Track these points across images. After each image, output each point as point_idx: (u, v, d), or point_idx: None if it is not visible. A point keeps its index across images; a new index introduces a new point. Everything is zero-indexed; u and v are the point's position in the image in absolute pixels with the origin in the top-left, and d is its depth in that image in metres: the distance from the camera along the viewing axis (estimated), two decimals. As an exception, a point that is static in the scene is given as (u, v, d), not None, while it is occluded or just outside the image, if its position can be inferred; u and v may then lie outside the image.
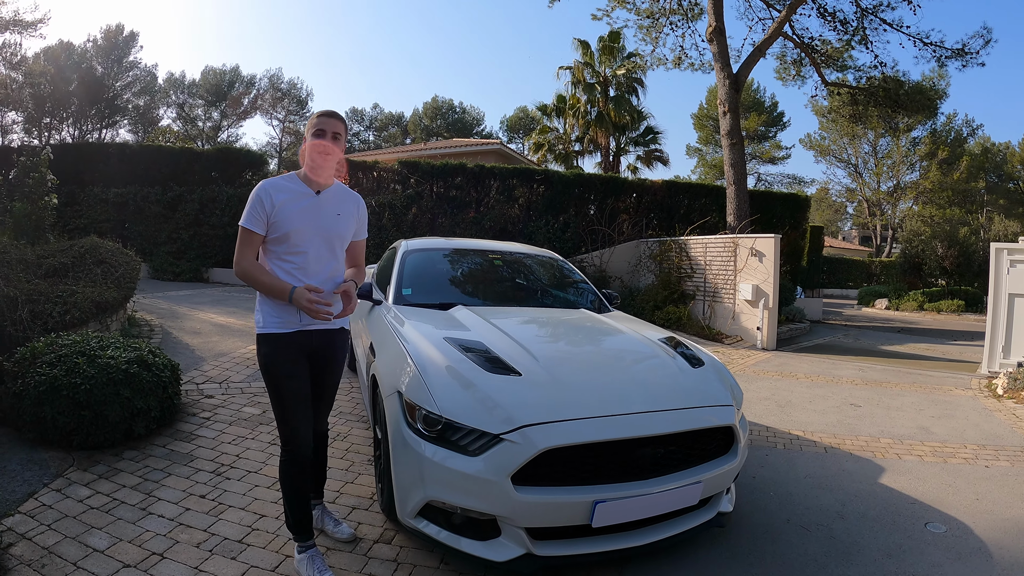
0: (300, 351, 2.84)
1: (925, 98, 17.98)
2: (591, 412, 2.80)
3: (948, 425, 5.94)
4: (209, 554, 2.98)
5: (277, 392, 2.80)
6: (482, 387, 2.86)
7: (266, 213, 2.75)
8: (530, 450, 2.59)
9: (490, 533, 2.70)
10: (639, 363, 3.51)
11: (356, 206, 3.06)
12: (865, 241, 54.18)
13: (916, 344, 12.51)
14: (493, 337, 3.44)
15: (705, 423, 3.03)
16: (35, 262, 6.59)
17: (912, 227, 26.16)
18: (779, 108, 49.07)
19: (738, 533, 3.43)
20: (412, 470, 2.79)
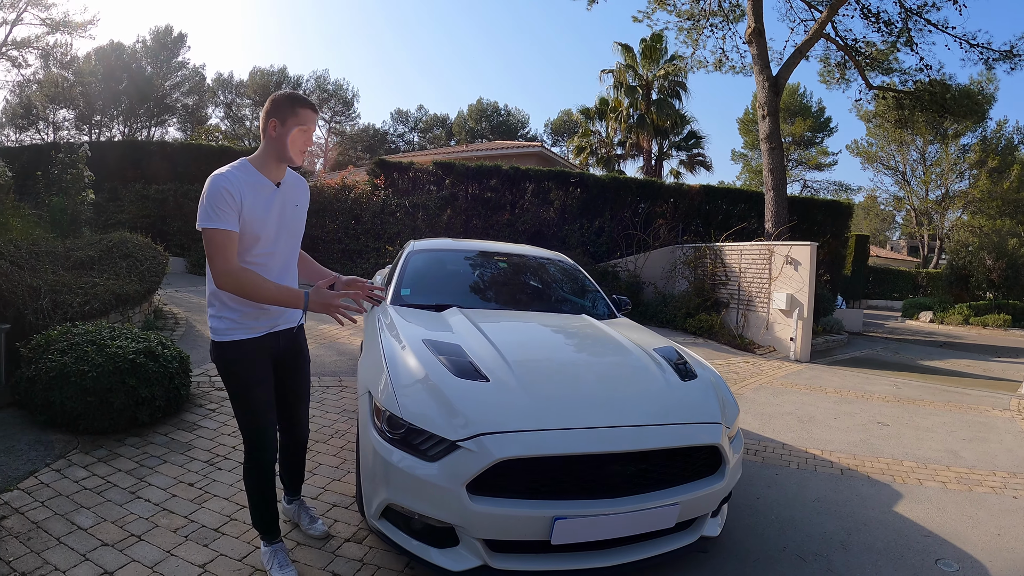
0: (268, 355, 2.74)
1: (973, 102, 17.28)
2: (556, 424, 2.67)
3: (979, 449, 5.61)
4: (184, 540, 3.04)
5: (246, 400, 2.66)
6: (446, 392, 2.76)
7: (236, 207, 2.47)
8: (485, 459, 2.48)
9: (448, 541, 2.61)
10: (622, 374, 3.35)
11: (306, 193, 2.88)
12: (914, 251, 52.52)
13: (957, 360, 12.00)
14: (473, 341, 3.34)
15: (685, 441, 2.85)
16: (64, 254, 6.73)
17: (959, 238, 25.25)
18: (826, 113, 47.85)
19: (724, 559, 3.21)
20: (376, 471, 2.73)
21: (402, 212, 14.37)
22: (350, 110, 59.16)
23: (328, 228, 14.72)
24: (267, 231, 2.60)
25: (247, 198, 2.51)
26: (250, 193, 2.53)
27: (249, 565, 2.86)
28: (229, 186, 2.46)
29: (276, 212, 2.64)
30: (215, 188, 2.45)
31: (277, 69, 55.29)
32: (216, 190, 2.44)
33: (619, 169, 27.09)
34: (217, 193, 2.44)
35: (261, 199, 2.57)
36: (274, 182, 2.64)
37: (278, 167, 2.65)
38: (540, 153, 22.58)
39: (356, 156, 58.52)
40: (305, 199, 2.85)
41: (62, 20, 33.83)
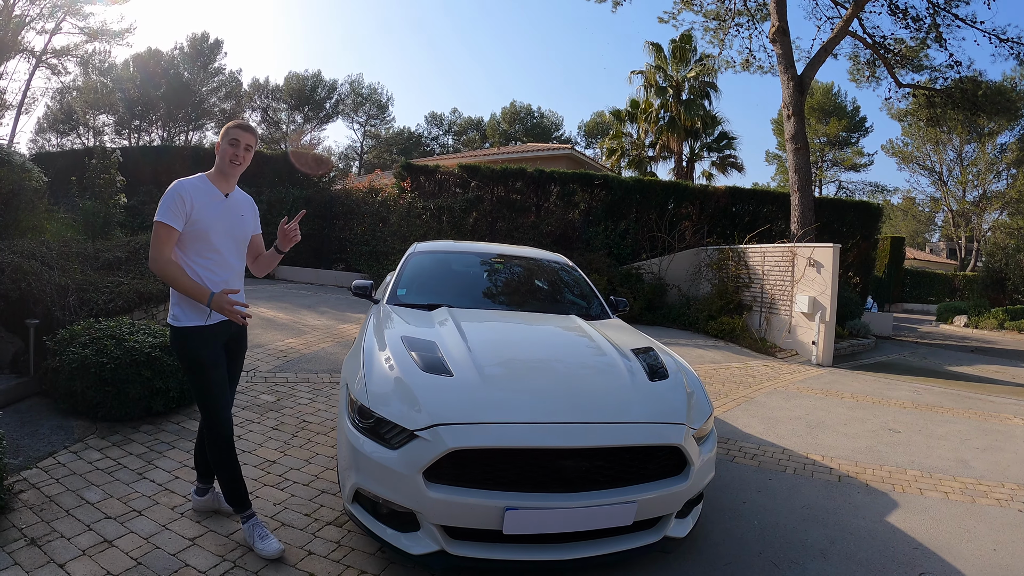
0: (220, 340, 3.05)
1: (1005, 99, 16.90)
2: (512, 418, 2.79)
3: (992, 459, 5.47)
4: (179, 516, 3.32)
5: (204, 382, 2.98)
6: (411, 385, 2.95)
7: (186, 211, 2.90)
8: (439, 448, 2.63)
9: (409, 526, 2.76)
10: (587, 373, 3.44)
11: (252, 209, 3.31)
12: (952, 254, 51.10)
13: (987, 365, 11.69)
14: (448, 338, 3.49)
15: (643, 440, 2.90)
16: (93, 255, 7.01)
17: (996, 239, 24.56)
18: (860, 113, 47.01)
19: (692, 561, 3.20)
20: (347, 457, 2.93)
21: (428, 214, 14.53)
22: (384, 113, 59.77)
23: (356, 230, 15.07)
24: (215, 233, 2.99)
25: (198, 203, 2.95)
26: (202, 199, 2.97)
27: (234, 541, 3.11)
28: (182, 191, 2.93)
29: (224, 218, 3.05)
30: (172, 191, 2.92)
31: (312, 73, 56.07)
32: (172, 192, 2.92)
33: (651, 171, 26.91)
34: (172, 195, 2.91)
35: (212, 206, 3.00)
36: (223, 194, 3.09)
37: (225, 180, 3.10)
38: (570, 155, 22.60)
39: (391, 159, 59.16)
40: (248, 211, 3.25)
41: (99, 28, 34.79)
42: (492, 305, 4.74)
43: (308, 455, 4.29)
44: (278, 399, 5.49)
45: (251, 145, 3.10)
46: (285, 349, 7.11)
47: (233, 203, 3.12)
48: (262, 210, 14.23)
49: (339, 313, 10.10)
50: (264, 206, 15.53)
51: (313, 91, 55.28)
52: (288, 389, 5.84)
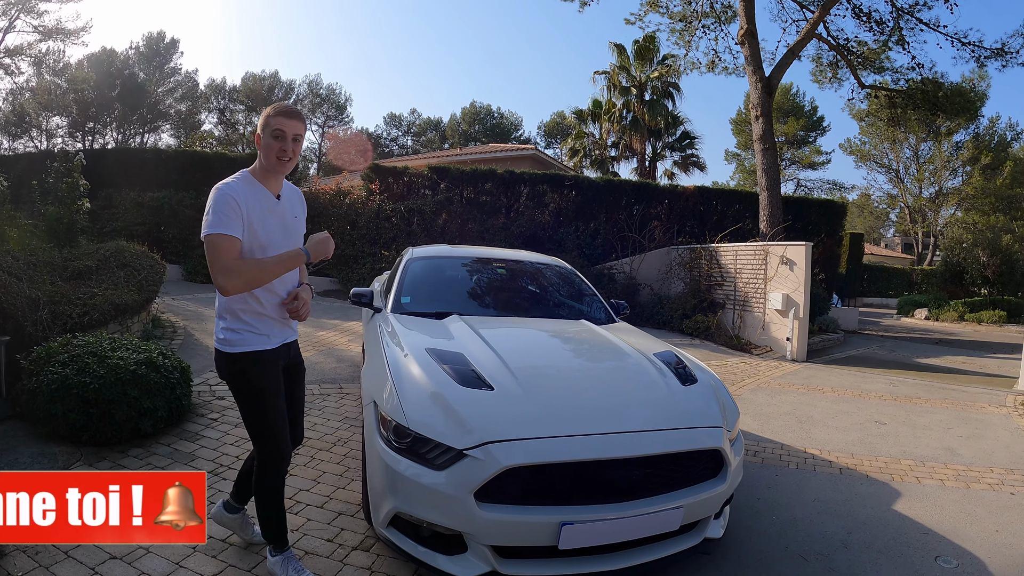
0: (280, 366, 2.76)
1: (965, 100, 17.44)
2: (561, 431, 2.71)
3: (976, 446, 5.66)
4: (192, 551, 3.03)
5: (262, 411, 2.67)
6: (452, 401, 2.80)
7: (242, 216, 2.50)
8: (493, 467, 2.52)
9: (456, 548, 2.64)
10: (624, 380, 3.40)
11: (303, 204, 2.93)
12: (908, 248, 52.67)
13: (953, 357, 12.06)
14: (475, 349, 3.36)
15: (687, 445, 2.91)
16: (61, 264, 6.74)
17: (953, 235, 25.41)
18: (819, 112, 48.03)
19: (727, 560, 3.25)
20: (382, 480, 2.76)
21: (397, 217, 14.38)
22: (343, 114, 59.14)
23: None
24: (273, 240, 2.62)
25: (252, 208, 2.54)
26: (254, 204, 2.57)
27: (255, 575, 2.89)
28: (233, 193, 2.50)
29: (280, 224, 2.67)
30: (221, 195, 2.48)
31: (269, 74, 55.22)
32: (222, 197, 2.48)
33: (613, 171, 27.17)
34: (223, 199, 2.48)
35: (265, 211, 2.61)
36: (275, 195, 2.69)
37: (275, 179, 2.69)
38: (534, 156, 22.63)
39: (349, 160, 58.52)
40: (300, 209, 2.87)
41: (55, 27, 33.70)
42: (501, 312, 4.62)
43: (315, 474, 4.08)
44: None
45: (299, 135, 2.62)
46: None
47: (286, 203, 2.74)
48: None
49: (315, 320, 9.84)
50: (230, 210, 15.27)
51: (271, 92, 54.38)
52: None
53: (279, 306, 2.70)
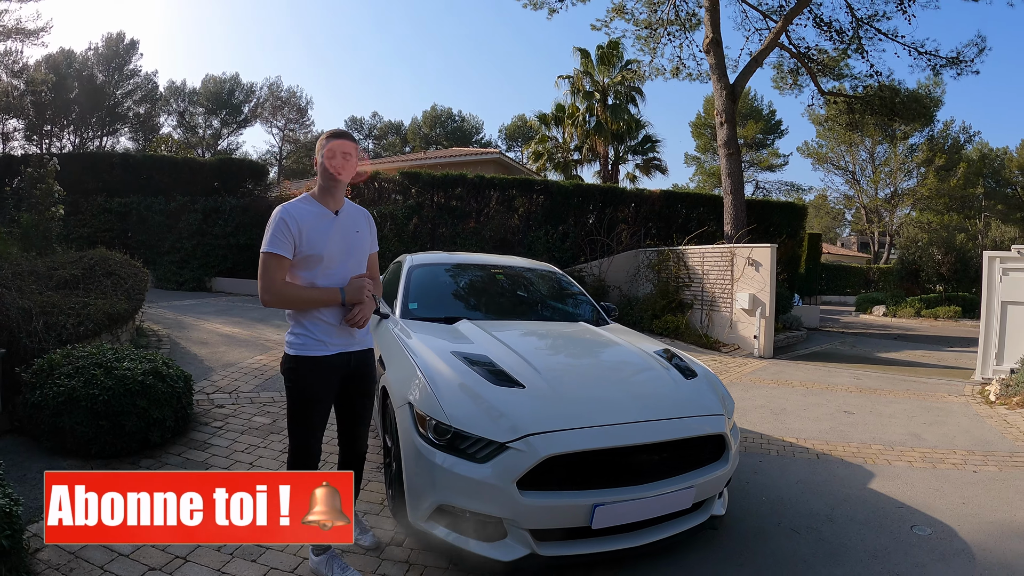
0: (336, 373, 2.92)
1: (921, 106, 18.20)
2: (591, 422, 2.99)
3: (939, 431, 6.10)
4: (231, 557, 3.11)
5: (304, 414, 2.87)
6: (488, 398, 3.05)
7: (293, 237, 2.75)
8: (534, 457, 2.78)
9: (496, 535, 2.87)
10: (635, 375, 3.71)
11: (368, 221, 3.13)
12: (864, 247, 54.33)
13: (912, 351, 12.68)
14: (497, 351, 3.62)
15: (697, 431, 3.23)
16: (46, 274, 6.66)
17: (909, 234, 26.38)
18: (776, 116, 49.49)
19: (730, 536, 3.61)
20: (423, 476, 2.96)
21: (371, 222, 14.43)
22: (304, 117, 58.75)
23: None
24: (329, 255, 2.85)
25: (306, 227, 2.79)
26: (312, 222, 2.82)
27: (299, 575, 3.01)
28: (287, 216, 2.77)
29: (337, 238, 2.89)
30: (276, 218, 2.77)
31: (230, 76, 54.68)
32: (277, 219, 2.77)
33: (576, 174, 27.51)
34: (278, 221, 2.76)
35: (321, 226, 2.85)
36: (332, 211, 2.92)
37: (332, 197, 2.92)
38: (499, 160, 22.91)
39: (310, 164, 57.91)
40: (363, 225, 3.07)
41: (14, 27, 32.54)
42: (505, 316, 4.84)
43: None
44: (274, 420, 5.29)
45: (350, 153, 2.85)
46: (259, 367, 6.97)
47: (346, 219, 2.95)
48: (196, 220, 13.82)
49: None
50: (200, 215, 15.14)
51: (231, 94, 53.85)
52: (279, 409, 5.61)
53: (339, 314, 2.88)
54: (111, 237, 14.56)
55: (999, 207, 45.17)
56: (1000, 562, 3.42)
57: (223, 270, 15.27)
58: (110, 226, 15.16)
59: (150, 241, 15.03)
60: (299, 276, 2.84)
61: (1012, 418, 6.61)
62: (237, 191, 15.93)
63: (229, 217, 15.15)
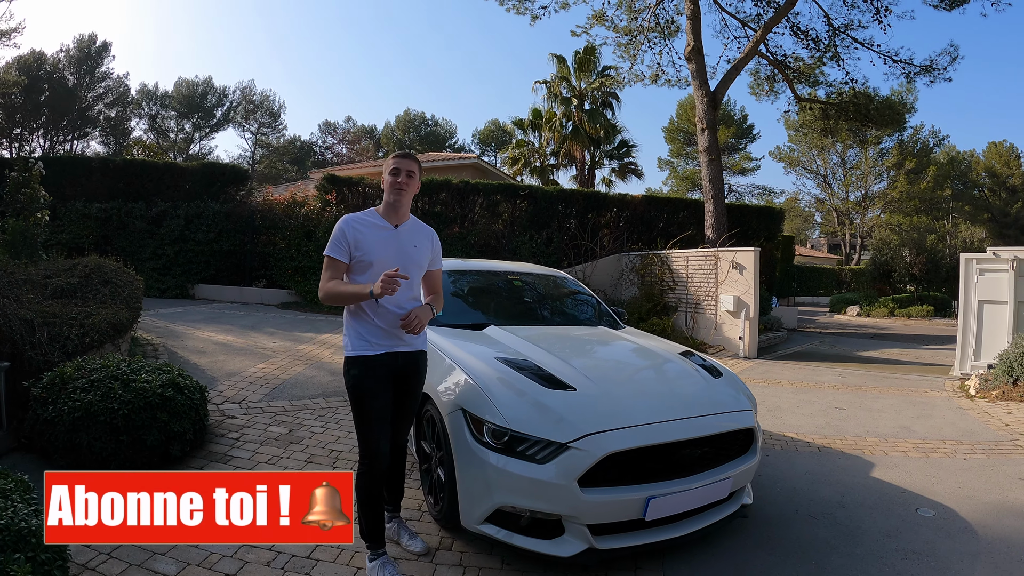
0: (387, 372, 3.10)
1: (894, 112, 18.77)
2: (641, 420, 3.18)
3: (927, 424, 6.44)
4: (282, 571, 3.12)
5: (361, 411, 3.06)
6: (544, 402, 3.20)
7: (348, 244, 3.04)
8: (594, 456, 2.95)
9: (555, 532, 3.03)
10: (671, 375, 3.92)
11: (430, 239, 3.33)
12: (834, 249, 55.35)
13: (890, 349, 13.12)
14: (538, 356, 3.78)
15: (733, 426, 3.45)
16: (41, 282, 6.52)
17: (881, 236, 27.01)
18: (748, 121, 50.24)
19: (756, 523, 3.85)
20: (480, 480, 3.11)
21: (354, 227, 14.40)
22: (276, 121, 58.38)
23: (279, 245, 14.55)
24: (381, 263, 3.05)
25: (361, 236, 3.08)
26: (368, 232, 3.11)
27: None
28: (345, 226, 3.10)
29: (392, 249, 3.13)
30: (337, 226, 3.11)
31: (202, 80, 54.11)
32: (337, 227, 3.10)
33: (553, 179, 27.71)
34: (337, 230, 3.09)
35: (377, 237, 3.12)
36: (392, 225, 3.18)
37: (394, 212, 3.19)
38: (476, 164, 22.96)
39: (283, 168, 57.51)
40: (423, 242, 3.28)
41: None
42: (527, 321, 4.97)
43: None
44: (290, 430, 5.30)
45: (412, 172, 3.17)
46: (263, 376, 6.94)
47: (405, 233, 3.20)
48: (178, 226, 13.63)
49: (288, 333, 9.94)
50: (182, 221, 14.89)
51: (203, 98, 53.31)
52: (292, 418, 5.64)
53: (387, 318, 3.07)
54: (91, 243, 14.25)
55: (966, 208, 46.53)
56: (1000, 537, 3.76)
57: (206, 277, 15.08)
58: (89, 231, 14.80)
59: (131, 247, 14.72)
60: (354, 280, 3.09)
61: (993, 410, 6.97)
62: (219, 196, 15.71)
63: (212, 223, 14.94)
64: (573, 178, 27.98)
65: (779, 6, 16.01)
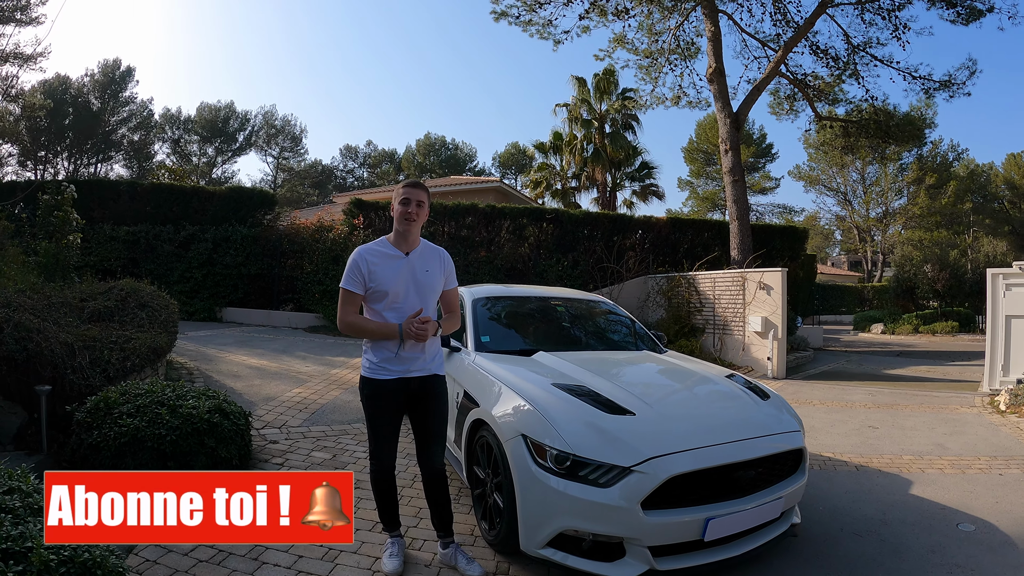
0: (399, 396, 3.30)
1: (914, 128, 18.74)
2: (699, 443, 3.24)
3: (960, 441, 6.45)
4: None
5: (371, 424, 3.34)
6: (605, 426, 3.27)
7: (363, 275, 3.20)
8: (657, 479, 3.01)
9: (616, 554, 3.10)
10: (721, 398, 3.99)
11: (440, 260, 3.45)
12: (855, 266, 54.95)
13: (917, 367, 13.03)
14: (593, 381, 3.84)
15: (785, 447, 3.52)
16: (77, 305, 6.51)
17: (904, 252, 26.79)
18: (767, 140, 50.38)
19: (804, 542, 3.90)
20: (542, 504, 3.17)
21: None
22: (298, 146, 59.27)
23: (306, 269, 14.69)
24: (395, 289, 3.24)
25: (375, 266, 3.23)
26: (380, 262, 3.25)
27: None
28: (359, 258, 3.25)
29: (404, 276, 3.28)
30: (351, 259, 3.27)
31: (224, 104, 55.30)
32: (351, 260, 3.26)
33: (574, 201, 27.92)
34: (351, 263, 3.25)
35: (389, 266, 3.26)
36: (403, 252, 3.31)
37: (404, 239, 3.32)
38: (498, 188, 23.09)
39: (304, 192, 58.22)
40: (435, 265, 3.41)
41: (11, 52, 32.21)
42: (573, 347, 5.04)
43: (412, 510, 4.20)
44: (334, 455, 5.33)
45: (422, 201, 3.29)
46: (300, 400, 6.99)
47: (416, 259, 3.32)
48: (206, 249, 13.77)
49: (319, 357, 9.92)
50: (210, 244, 15.04)
51: (226, 123, 54.39)
52: (334, 443, 5.67)
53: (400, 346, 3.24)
54: (118, 265, 14.36)
55: (987, 221, 45.99)
56: (1041, 550, 3.79)
57: (234, 300, 15.23)
58: (117, 254, 14.90)
59: (159, 270, 14.76)
60: (371, 308, 3.29)
61: (1024, 425, 6.94)
62: (247, 220, 15.89)
63: (240, 246, 15.11)
64: (595, 200, 28.16)
65: (799, 26, 16.13)
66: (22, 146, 42.66)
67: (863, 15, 16.19)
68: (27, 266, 7.81)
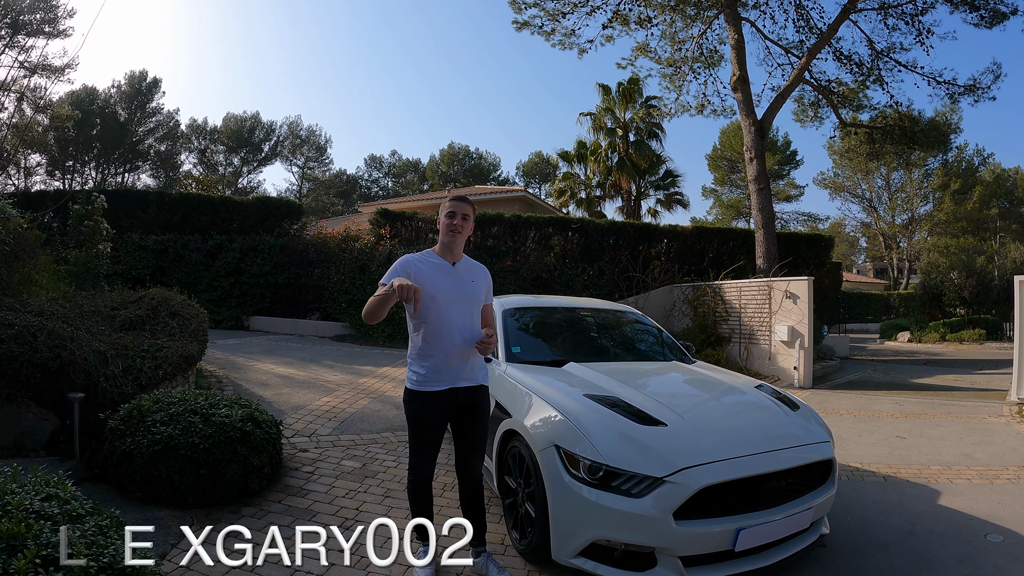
0: (446, 407, 3.34)
1: (940, 134, 18.55)
2: (730, 454, 3.26)
3: (988, 451, 6.41)
4: None
5: (415, 437, 3.36)
6: (638, 437, 3.30)
7: (406, 275, 3.18)
8: (689, 489, 3.04)
9: (647, 564, 3.12)
10: (751, 409, 4.01)
11: (484, 276, 3.55)
12: (880, 274, 54.27)
13: (944, 376, 12.89)
14: (625, 392, 3.88)
15: (815, 458, 3.54)
16: (108, 313, 6.60)
17: (930, 259, 26.43)
18: (792, 147, 49.94)
19: (832, 553, 3.89)
20: (575, 514, 3.20)
21: (410, 262, 14.58)
22: (323, 156, 59.79)
23: (333, 279, 14.83)
24: (439, 296, 3.27)
25: (420, 273, 3.26)
26: (424, 269, 3.30)
27: None
28: (406, 263, 3.30)
29: (452, 284, 3.34)
30: (397, 262, 3.31)
31: (250, 115, 55.98)
32: (397, 263, 3.31)
33: (599, 210, 27.88)
34: (397, 264, 3.29)
35: (437, 274, 3.32)
36: (450, 263, 3.39)
37: (449, 251, 3.40)
38: (523, 197, 23.15)
39: (329, 202, 58.74)
40: (479, 278, 3.51)
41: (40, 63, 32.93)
42: (603, 357, 5.09)
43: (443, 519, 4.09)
44: (363, 464, 5.35)
45: (468, 215, 3.37)
46: (329, 409, 7.05)
47: (462, 270, 3.41)
48: (233, 258, 13.96)
49: (347, 366, 9.98)
50: (237, 254, 15.27)
51: (251, 133, 55.04)
52: (364, 452, 5.69)
53: (449, 355, 3.29)
54: (146, 274, 14.51)
55: (1014, 227, 45.26)
56: (1070, 562, 3.77)
57: (261, 309, 15.41)
58: (145, 263, 15.15)
59: (187, 279, 14.95)
60: (421, 317, 3.29)
61: (1053, 435, 6.86)
62: (274, 230, 16.10)
63: (267, 256, 15.30)
64: (619, 209, 28.11)
65: (822, 32, 16.07)
66: (50, 156, 43.55)
67: (886, 20, 16.13)
68: (58, 275, 7.89)
